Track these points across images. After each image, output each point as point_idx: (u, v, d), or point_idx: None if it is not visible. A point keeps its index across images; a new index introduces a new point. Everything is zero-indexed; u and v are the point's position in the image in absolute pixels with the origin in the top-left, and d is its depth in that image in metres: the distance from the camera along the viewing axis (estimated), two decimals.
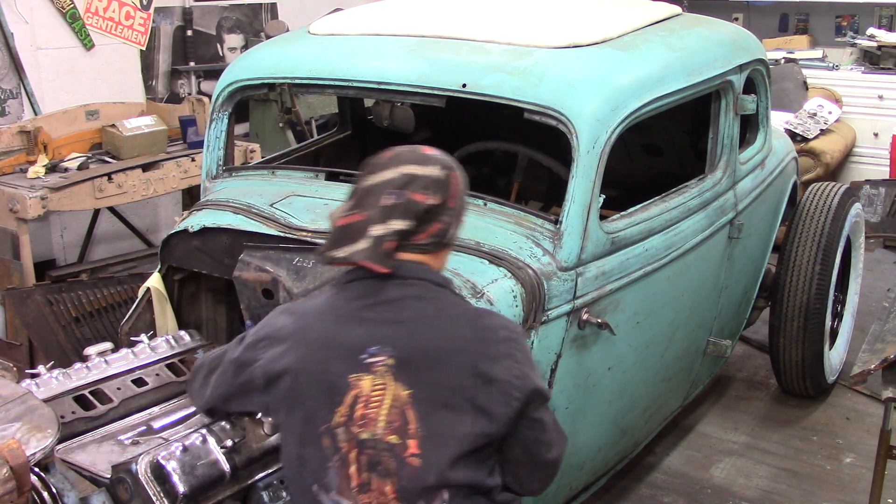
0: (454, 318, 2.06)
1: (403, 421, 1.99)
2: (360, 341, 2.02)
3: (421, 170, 2.07)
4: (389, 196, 2.03)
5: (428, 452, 1.98)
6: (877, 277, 5.57)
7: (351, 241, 2.04)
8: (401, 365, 2.00)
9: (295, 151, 3.82)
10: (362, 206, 2.04)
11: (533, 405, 2.07)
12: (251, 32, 6.59)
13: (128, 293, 4.15)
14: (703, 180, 3.25)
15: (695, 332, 3.41)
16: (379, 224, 2.02)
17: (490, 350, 2.04)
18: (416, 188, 2.05)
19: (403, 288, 2.05)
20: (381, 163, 2.09)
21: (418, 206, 2.04)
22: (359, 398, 1.99)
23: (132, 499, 2.10)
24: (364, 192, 2.05)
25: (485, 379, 2.01)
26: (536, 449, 2.13)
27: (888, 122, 6.79)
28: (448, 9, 3.38)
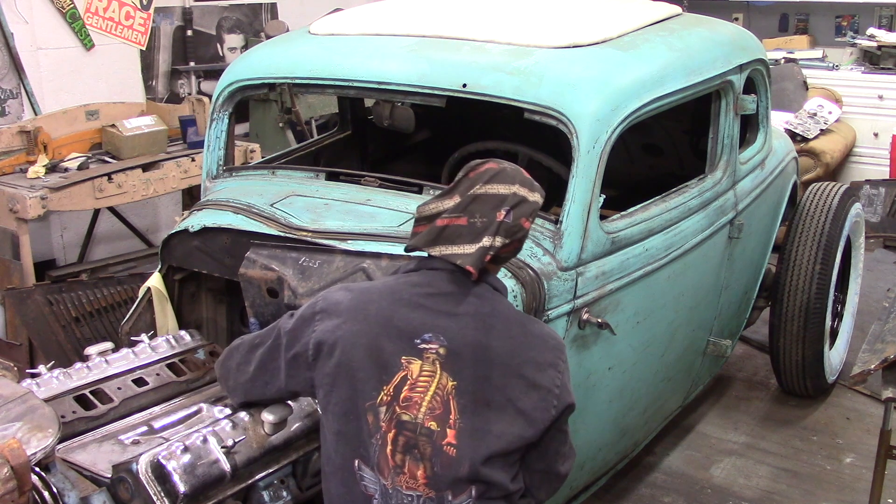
0: (507, 321, 2.12)
1: (445, 410, 2.03)
2: (415, 326, 2.07)
3: (530, 195, 2.16)
4: (505, 212, 2.09)
5: (464, 444, 2.02)
6: (877, 277, 5.57)
7: (451, 242, 2.10)
8: (451, 356, 2.05)
9: (295, 151, 3.82)
10: (468, 213, 2.10)
11: (564, 417, 2.14)
12: (251, 32, 6.58)
13: (128, 293, 4.15)
14: (703, 180, 3.25)
15: (695, 332, 3.41)
16: (490, 236, 2.08)
17: (537, 356, 2.10)
18: (525, 213, 2.13)
19: (467, 285, 2.11)
20: (491, 173, 2.14)
21: (521, 230, 2.13)
22: (406, 380, 2.04)
23: (133, 498, 2.10)
24: (472, 198, 2.10)
25: (529, 383, 2.07)
26: (554, 460, 2.19)
27: (888, 122, 6.80)
28: (448, 9, 3.38)
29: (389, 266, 2.48)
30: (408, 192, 2.87)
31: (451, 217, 2.10)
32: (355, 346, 2.07)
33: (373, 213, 2.75)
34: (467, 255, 2.08)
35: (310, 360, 2.13)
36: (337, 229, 2.67)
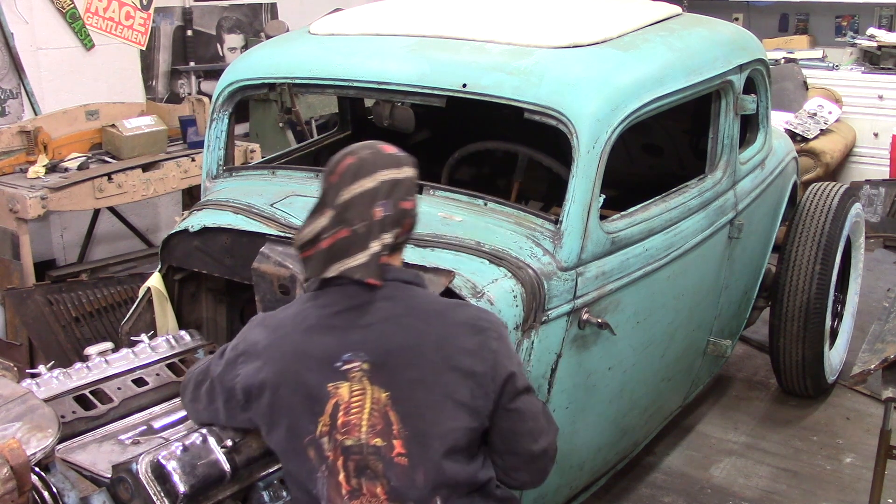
0: (425, 315, 2.05)
1: (386, 423, 1.99)
2: (332, 349, 2.02)
3: (399, 173, 2.08)
4: (381, 207, 2.02)
5: (413, 451, 1.99)
6: (877, 277, 5.57)
7: (342, 257, 2.03)
8: (376, 368, 2.00)
9: (295, 151, 3.82)
10: (346, 222, 2.02)
11: (508, 395, 2.06)
12: (251, 32, 6.58)
13: (128, 293, 4.15)
14: (703, 180, 3.25)
15: (695, 332, 3.41)
16: (376, 238, 2.02)
17: (465, 343, 2.03)
18: (401, 195, 2.06)
19: (370, 291, 2.05)
20: (352, 171, 2.05)
21: (405, 212, 2.07)
22: (339, 406, 2.00)
23: (133, 498, 2.10)
24: (343, 206, 2.03)
25: (463, 373, 2.01)
26: (518, 440, 2.11)
27: (888, 122, 6.79)
28: (448, 9, 3.38)
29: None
30: None
31: (331, 234, 2.03)
32: (280, 387, 2.04)
33: None
34: (361, 265, 2.01)
35: (242, 403, 2.12)
36: None
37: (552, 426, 2.19)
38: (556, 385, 2.64)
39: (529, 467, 2.15)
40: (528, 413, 2.11)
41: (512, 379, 2.06)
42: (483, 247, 2.56)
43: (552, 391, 2.63)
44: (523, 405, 2.09)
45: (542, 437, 2.14)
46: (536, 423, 2.12)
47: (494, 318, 2.16)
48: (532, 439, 2.12)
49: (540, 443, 2.13)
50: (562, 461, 2.81)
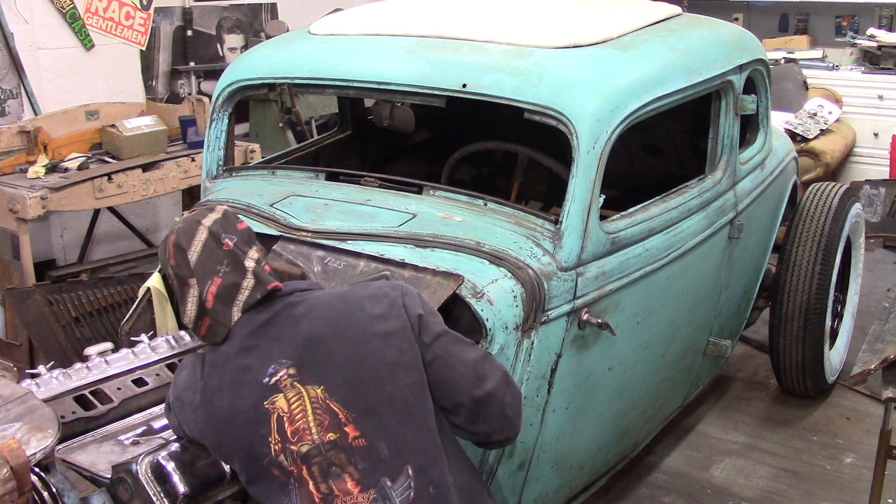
0: (327, 304, 2.12)
1: (332, 415, 2.02)
2: (256, 369, 2.06)
3: (215, 213, 2.20)
4: (227, 239, 2.15)
5: (367, 428, 2.02)
6: (877, 277, 5.57)
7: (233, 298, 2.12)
8: (302, 368, 2.04)
9: (295, 151, 3.82)
10: (209, 272, 2.12)
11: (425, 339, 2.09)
12: (251, 32, 6.58)
13: (128, 293, 4.15)
14: (703, 180, 3.25)
15: (695, 333, 3.41)
16: (244, 259, 2.14)
17: (375, 309, 2.09)
18: (233, 222, 2.20)
19: (274, 305, 2.13)
20: (180, 243, 2.15)
21: (248, 231, 2.21)
22: (283, 418, 2.03)
23: (132, 499, 2.10)
24: (197, 267, 2.12)
25: (381, 336, 2.06)
26: (455, 387, 2.10)
27: (888, 122, 6.79)
28: (448, 9, 3.38)
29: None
30: (407, 192, 2.87)
31: (209, 291, 2.11)
32: (220, 426, 2.08)
33: (372, 214, 2.75)
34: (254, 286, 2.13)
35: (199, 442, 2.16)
36: (336, 229, 2.67)
37: (496, 370, 2.16)
38: (556, 385, 2.64)
39: (483, 415, 2.13)
40: (456, 357, 2.12)
41: (422, 321, 2.10)
42: (483, 247, 2.56)
43: (552, 391, 2.63)
44: (444, 350, 2.11)
45: (485, 382, 2.12)
46: (470, 368, 2.11)
47: (393, 283, 2.23)
48: (470, 384, 2.11)
49: (481, 387, 2.11)
50: (562, 461, 2.82)
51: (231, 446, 2.09)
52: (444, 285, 2.42)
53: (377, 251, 2.56)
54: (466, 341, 2.18)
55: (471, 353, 2.15)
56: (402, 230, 2.63)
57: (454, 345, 2.14)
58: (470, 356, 2.14)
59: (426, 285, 2.43)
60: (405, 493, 2.01)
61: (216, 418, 2.09)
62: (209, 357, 2.16)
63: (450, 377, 2.10)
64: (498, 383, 2.14)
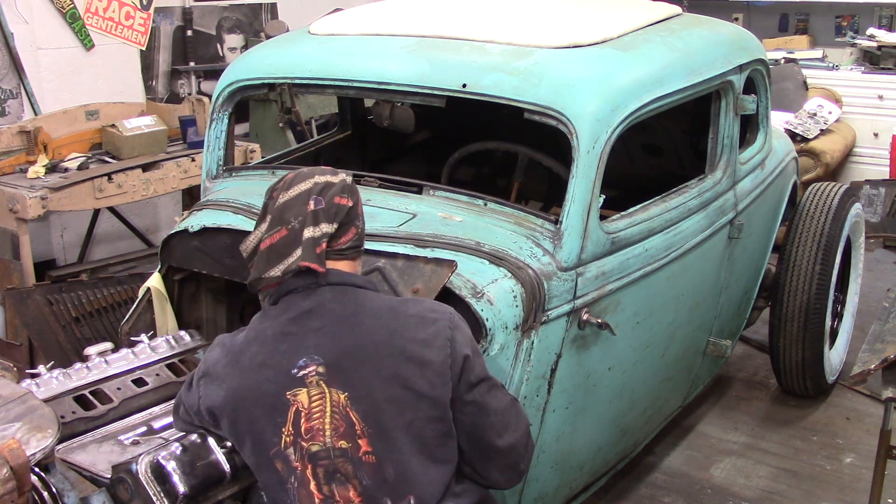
0: (376, 312, 2.08)
1: (349, 423, 2.00)
2: (288, 357, 2.04)
3: (331, 178, 2.15)
4: (313, 201, 2.10)
5: (380, 447, 2.00)
6: (877, 277, 5.57)
7: (283, 256, 2.08)
8: (331, 370, 2.02)
9: (295, 151, 3.82)
10: (282, 222, 2.09)
11: (465, 382, 2.06)
12: (251, 32, 6.58)
13: (128, 293, 4.15)
14: (703, 180, 3.25)
15: (695, 333, 3.41)
16: (310, 227, 2.08)
17: (419, 333, 2.05)
18: (335, 192, 2.13)
19: (321, 295, 2.08)
20: (287, 181, 2.14)
21: (341, 208, 2.12)
22: (300, 412, 2.02)
23: (132, 499, 2.10)
24: (280, 208, 2.10)
25: (418, 363, 2.02)
26: (480, 435, 2.09)
27: (888, 122, 6.79)
28: (448, 9, 3.38)
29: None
30: (407, 192, 2.87)
31: (270, 236, 2.10)
32: (241, 403, 2.06)
33: (372, 214, 2.74)
34: (299, 256, 2.07)
35: (211, 424, 2.16)
36: None
37: (519, 420, 2.16)
38: (556, 385, 2.64)
39: (497, 464, 2.14)
40: (489, 406, 2.10)
41: (467, 362, 2.06)
42: (483, 247, 2.56)
43: (552, 391, 2.63)
44: (482, 397, 2.09)
45: (508, 433, 2.12)
46: (499, 417, 2.10)
47: (447, 309, 2.15)
48: (495, 433, 2.10)
49: (505, 438, 2.11)
50: (562, 461, 2.82)
51: (244, 427, 2.07)
52: (438, 272, 2.42)
53: (391, 250, 2.56)
54: (500, 384, 2.18)
55: (503, 400, 2.14)
56: (402, 230, 2.63)
57: (492, 391, 2.12)
58: (502, 404, 2.13)
59: (420, 273, 2.44)
60: None
61: (239, 395, 2.07)
62: (247, 333, 2.14)
63: (480, 424, 2.09)
64: (520, 437, 2.16)
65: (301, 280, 2.09)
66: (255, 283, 2.14)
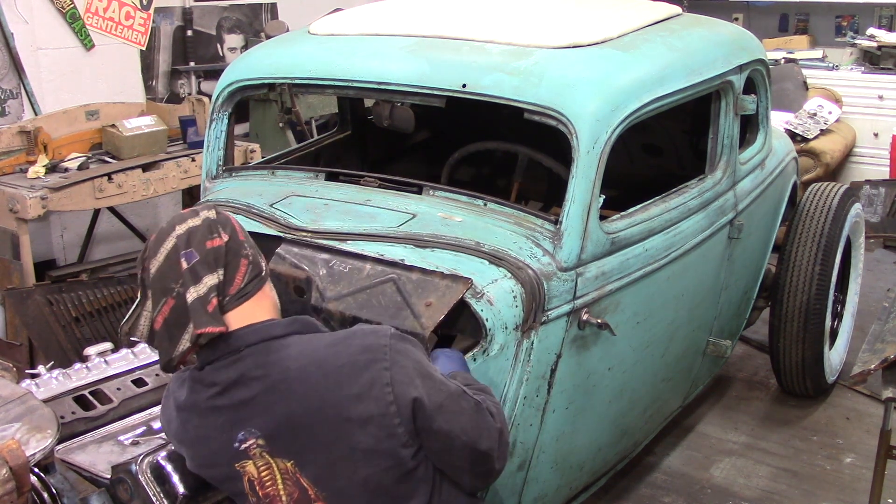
0: (302, 374, 1.93)
1: (301, 490, 1.98)
2: (226, 431, 1.99)
3: (192, 221, 1.98)
4: (184, 258, 1.93)
5: None
6: (877, 277, 5.57)
7: (183, 325, 1.93)
8: (271, 440, 1.96)
9: (295, 151, 3.82)
10: (166, 292, 1.93)
11: (422, 420, 1.95)
12: (251, 32, 6.58)
13: (128, 293, 4.15)
14: (703, 180, 3.25)
15: (695, 333, 3.41)
16: (192, 287, 1.91)
17: (353, 388, 1.91)
18: (202, 237, 1.96)
19: (240, 363, 1.96)
20: (151, 246, 1.98)
21: (218, 251, 1.95)
22: (253, 482, 2.02)
23: (132, 499, 2.10)
24: (156, 278, 1.94)
25: (357, 421, 1.91)
26: (455, 454, 2.03)
27: (888, 122, 6.79)
28: (448, 9, 3.38)
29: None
30: (407, 192, 2.86)
31: (160, 311, 1.93)
32: (201, 465, 2.10)
33: (372, 214, 2.75)
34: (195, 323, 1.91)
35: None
36: (336, 230, 2.67)
37: (491, 427, 2.06)
38: (556, 385, 2.64)
39: (475, 472, 2.10)
40: (457, 427, 1.99)
41: (419, 404, 1.93)
42: (483, 247, 2.56)
43: (552, 391, 2.63)
44: (446, 424, 1.97)
45: (481, 440, 2.04)
46: (468, 434, 2.00)
47: (381, 341, 1.97)
48: (468, 449, 2.03)
49: (479, 446, 2.04)
50: (562, 461, 2.82)
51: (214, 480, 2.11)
52: (453, 289, 2.41)
53: (377, 251, 2.56)
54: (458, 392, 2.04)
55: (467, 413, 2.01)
56: (402, 230, 2.63)
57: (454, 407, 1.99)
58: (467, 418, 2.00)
59: (434, 288, 2.42)
60: None
61: (197, 460, 2.10)
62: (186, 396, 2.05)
63: (452, 445, 2.01)
64: (493, 443, 2.07)
65: (216, 350, 1.97)
66: (169, 364, 1.99)
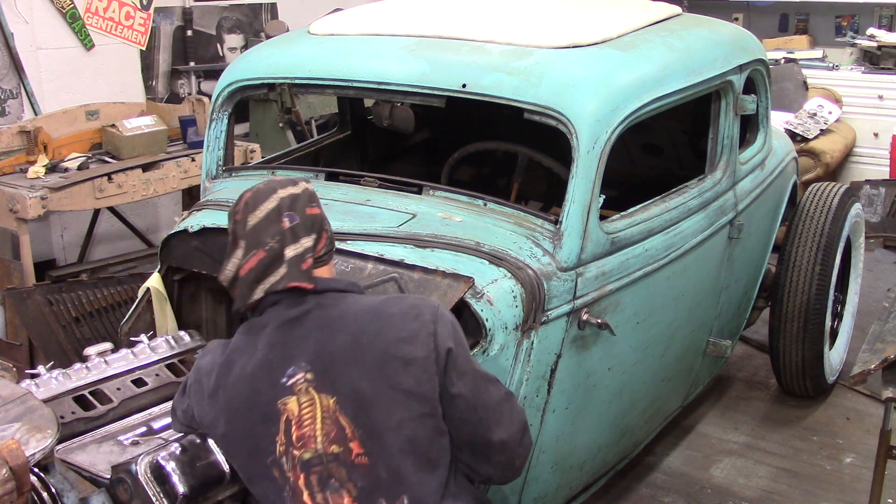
0: (357, 315, 2.08)
1: (339, 428, 2.01)
2: (276, 366, 2.05)
3: (294, 189, 2.15)
4: (287, 218, 2.09)
5: (371, 448, 2.00)
6: (877, 277, 5.57)
7: (263, 278, 2.08)
8: (319, 375, 2.03)
9: (295, 151, 3.82)
10: (258, 244, 2.09)
11: (450, 375, 2.04)
12: (251, 32, 6.58)
13: (128, 293, 4.14)
14: (703, 180, 3.25)
15: (695, 333, 3.41)
16: (291, 245, 2.08)
17: (402, 331, 2.04)
18: (304, 203, 2.13)
19: (306, 304, 2.10)
20: (249, 201, 2.12)
21: (315, 218, 2.14)
22: (291, 421, 2.03)
23: (132, 499, 2.10)
24: (252, 231, 2.09)
25: (402, 361, 2.02)
26: (471, 429, 2.08)
27: (888, 122, 6.79)
28: (448, 9, 3.38)
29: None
30: (407, 192, 2.87)
31: (248, 260, 2.08)
32: (234, 413, 2.08)
33: (372, 214, 2.75)
34: (283, 276, 2.07)
35: (205, 430, 2.18)
36: (336, 229, 2.65)
37: (515, 418, 2.14)
38: (556, 385, 2.64)
39: (491, 460, 2.12)
40: (478, 400, 2.08)
41: (451, 356, 2.04)
42: (483, 247, 2.56)
43: (552, 392, 2.63)
44: (469, 391, 2.07)
45: (501, 428, 2.10)
46: (490, 411, 2.08)
47: (430, 303, 2.13)
48: (486, 428, 2.08)
49: (497, 433, 2.09)
50: (562, 461, 2.82)
51: (239, 438, 2.08)
52: (455, 287, 2.41)
53: (377, 251, 2.56)
54: (492, 378, 2.15)
55: (494, 395, 2.12)
56: (402, 230, 2.63)
57: (480, 384, 2.10)
58: (493, 398, 2.11)
59: (436, 287, 2.43)
60: None
61: (232, 406, 2.08)
62: (235, 342, 2.15)
63: (470, 418, 2.07)
64: (514, 433, 2.13)
65: (286, 293, 2.10)
66: (239, 310, 2.15)
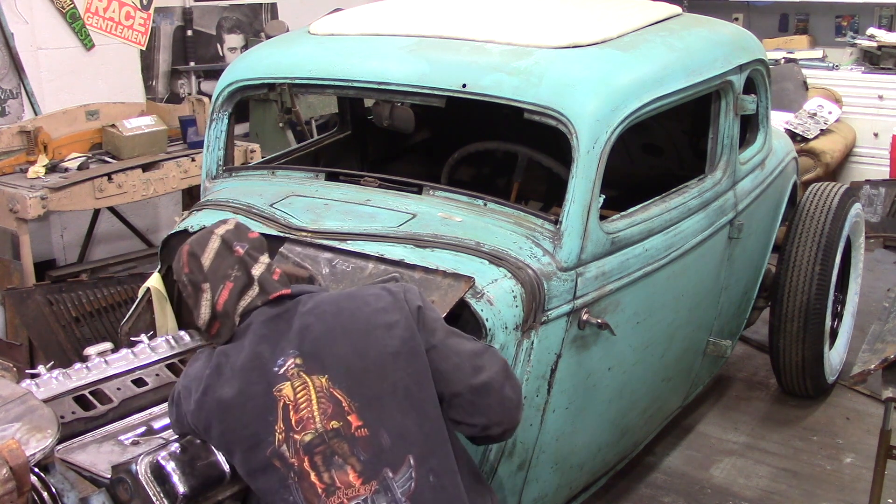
0: (333, 301, 2.21)
1: (335, 403, 2.07)
2: (267, 358, 2.13)
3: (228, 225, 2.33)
4: (238, 246, 2.27)
5: (370, 417, 2.05)
6: (877, 277, 5.57)
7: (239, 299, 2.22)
8: (307, 360, 2.11)
9: (295, 151, 3.82)
10: (222, 279, 2.23)
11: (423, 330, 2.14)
12: (251, 32, 6.58)
13: (128, 293, 4.15)
14: (703, 180, 3.25)
15: (695, 333, 3.41)
16: (254, 265, 2.26)
17: (377, 304, 2.17)
18: (244, 231, 2.33)
19: (283, 303, 2.24)
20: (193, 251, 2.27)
21: (260, 240, 2.34)
22: (288, 406, 2.08)
23: (132, 499, 2.10)
24: (210, 272, 2.24)
25: (385, 326, 2.12)
26: (452, 379, 2.14)
27: (888, 122, 6.79)
28: (448, 9, 3.38)
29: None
30: (407, 192, 2.87)
31: (220, 294, 2.23)
32: (229, 409, 2.11)
33: (372, 214, 2.75)
34: (260, 291, 2.23)
35: (201, 435, 2.19)
36: (336, 229, 2.67)
37: (495, 361, 2.19)
38: (556, 385, 2.64)
39: (481, 405, 2.15)
40: (450, 349, 2.16)
41: (421, 312, 2.16)
42: (483, 247, 2.56)
43: (552, 391, 2.63)
44: (442, 342, 2.16)
45: (482, 372, 2.16)
46: (464, 359, 2.16)
47: (399, 283, 2.30)
48: (467, 374, 2.14)
49: (479, 377, 2.15)
50: (562, 461, 2.82)
51: (236, 434, 2.10)
52: (455, 287, 2.42)
53: (377, 251, 2.56)
54: (465, 336, 2.23)
55: (468, 345, 2.19)
56: (402, 230, 2.63)
57: (451, 337, 2.19)
58: (467, 348, 2.18)
59: (436, 287, 2.43)
60: (406, 484, 2.03)
61: (224, 404, 2.11)
62: (221, 347, 2.22)
63: (446, 368, 2.14)
64: (495, 374, 2.17)
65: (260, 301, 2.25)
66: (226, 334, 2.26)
